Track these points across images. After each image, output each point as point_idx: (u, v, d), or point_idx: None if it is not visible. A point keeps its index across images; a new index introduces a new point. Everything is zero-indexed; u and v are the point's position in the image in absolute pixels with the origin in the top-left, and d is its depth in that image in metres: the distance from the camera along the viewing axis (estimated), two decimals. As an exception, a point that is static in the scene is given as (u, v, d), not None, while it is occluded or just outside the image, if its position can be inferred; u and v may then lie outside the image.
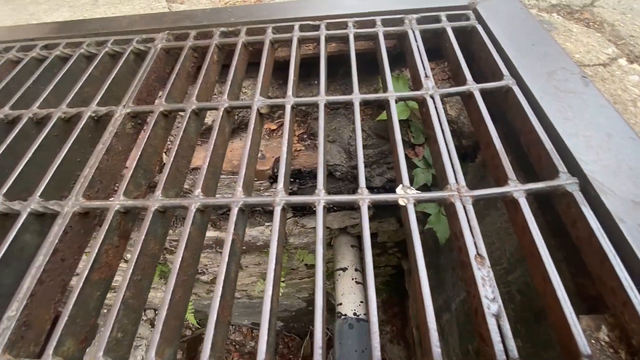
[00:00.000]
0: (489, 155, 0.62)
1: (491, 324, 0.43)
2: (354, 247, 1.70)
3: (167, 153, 1.07)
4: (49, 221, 0.63)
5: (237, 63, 0.83)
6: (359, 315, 1.45)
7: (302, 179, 1.17)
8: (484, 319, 0.43)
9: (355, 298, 1.52)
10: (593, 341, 0.44)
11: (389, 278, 2.24)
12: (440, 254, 1.32)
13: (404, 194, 0.55)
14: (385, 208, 1.45)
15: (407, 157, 1.04)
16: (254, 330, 3.07)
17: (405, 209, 0.54)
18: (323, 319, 0.46)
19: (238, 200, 0.58)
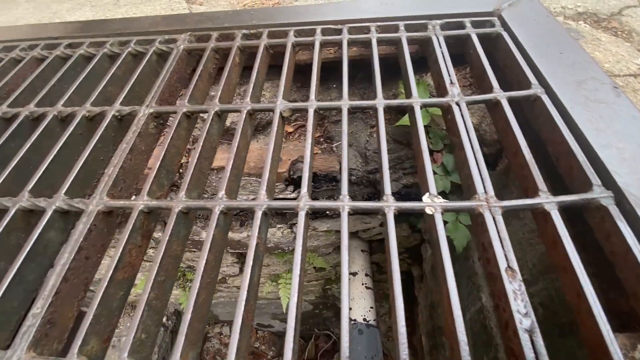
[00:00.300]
0: (517, 165, 0.61)
1: (524, 339, 0.41)
2: (364, 252, 1.69)
3: (187, 154, 1.07)
4: (73, 219, 0.63)
5: (259, 66, 0.83)
6: (369, 321, 1.43)
7: (318, 182, 1.16)
8: (516, 333, 0.42)
9: (365, 303, 1.51)
10: (629, 361, 0.42)
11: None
12: (455, 262, 1.30)
13: (431, 202, 0.54)
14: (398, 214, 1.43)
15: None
16: (259, 331, 3.06)
17: (432, 217, 0.53)
18: (349, 331, 0.45)
19: (262, 203, 0.57)
